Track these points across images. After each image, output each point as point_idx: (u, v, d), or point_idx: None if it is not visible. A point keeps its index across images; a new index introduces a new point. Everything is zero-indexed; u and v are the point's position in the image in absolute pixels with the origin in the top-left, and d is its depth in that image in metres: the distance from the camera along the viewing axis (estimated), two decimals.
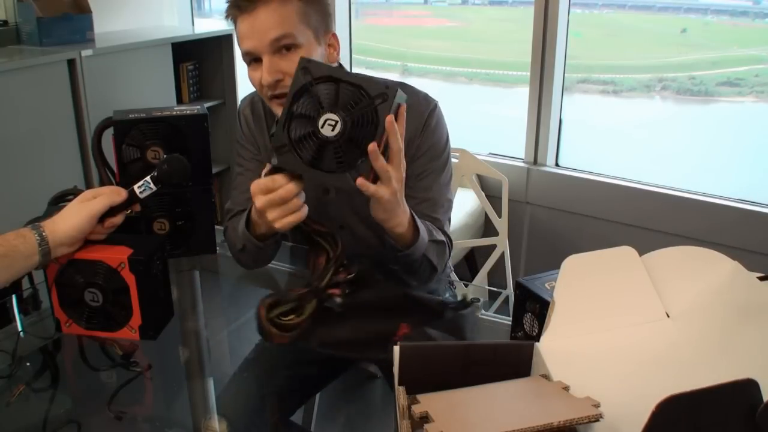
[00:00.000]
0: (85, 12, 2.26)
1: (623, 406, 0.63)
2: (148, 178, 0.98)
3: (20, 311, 1.09)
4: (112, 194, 0.96)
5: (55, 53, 2.02)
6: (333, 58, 1.10)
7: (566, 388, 0.68)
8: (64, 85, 2.04)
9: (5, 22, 2.17)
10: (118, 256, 0.95)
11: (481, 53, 2.99)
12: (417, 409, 0.63)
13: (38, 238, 0.91)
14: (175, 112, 1.11)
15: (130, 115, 1.10)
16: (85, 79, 2.07)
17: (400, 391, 0.67)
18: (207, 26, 2.76)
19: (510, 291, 1.78)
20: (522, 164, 2.39)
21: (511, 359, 0.71)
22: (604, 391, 0.66)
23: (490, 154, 2.49)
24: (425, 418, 0.63)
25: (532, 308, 0.86)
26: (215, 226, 1.20)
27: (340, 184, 0.86)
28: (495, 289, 1.31)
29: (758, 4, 2.26)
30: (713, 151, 2.37)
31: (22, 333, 1.07)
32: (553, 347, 0.72)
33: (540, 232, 2.40)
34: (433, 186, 1.13)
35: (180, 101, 2.60)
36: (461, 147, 2.09)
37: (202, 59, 2.70)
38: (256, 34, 1.02)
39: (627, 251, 0.79)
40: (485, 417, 0.63)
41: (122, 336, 0.99)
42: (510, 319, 0.92)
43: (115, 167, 1.12)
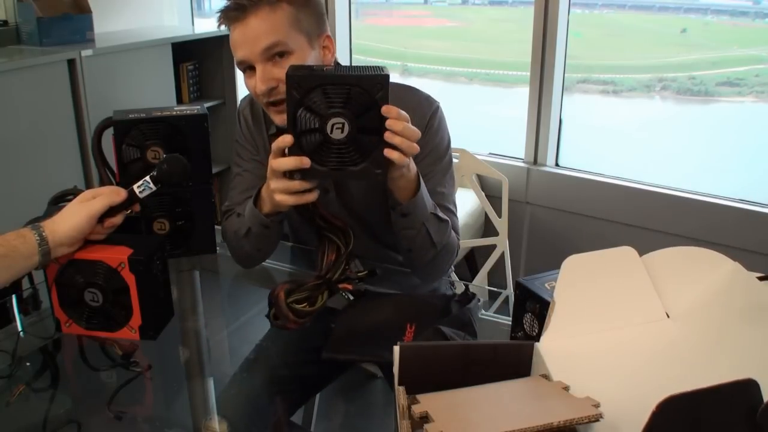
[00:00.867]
0: (85, 12, 2.26)
1: (623, 406, 0.63)
2: (147, 177, 0.98)
3: (20, 311, 1.09)
4: (111, 194, 0.96)
5: (55, 53, 2.02)
6: (328, 61, 1.10)
7: (566, 388, 0.68)
8: (64, 85, 2.04)
9: (5, 22, 2.17)
10: (118, 256, 0.96)
11: (481, 53, 2.99)
12: (417, 409, 0.63)
13: (38, 238, 0.91)
14: (175, 112, 1.12)
15: (130, 115, 1.10)
16: (85, 79, 2.07)
17: (400, 391, 0.67)
18: (207, 26, 2.76)
19: (510, 291, 1.78)
20: (522, 164, 2.39)
21: (511, 359, 0.71)
22: (604, 391, 0.66)
23: (490, 154, 2.49)
24: (425, 418, 0.63)
25: (532, 308, 0.86)
26: (215, 226, 1.20)
27: (365, 175, 0.90)
28: (495, 289, 1.31)
29: (758, 4, 2.26)
30: (713, 151, 2.37)
31: (22, 333, 1.07)
32: (553, 347, 0.72)
33: (540, 232, 2.40)
34: (437, 188, 1.13)
35: (180, 101, 2.60)
36: (461, 147, 2.09)
37: (202, 59, 2.70)
38: (248, 43, 1.02)
39: (627, 251, 0.79)
40: (485, 417, 0.63)
41: (122, 336, 0.99)
42: (510, 319, 0.93)
43: (115, 167, 1.12)
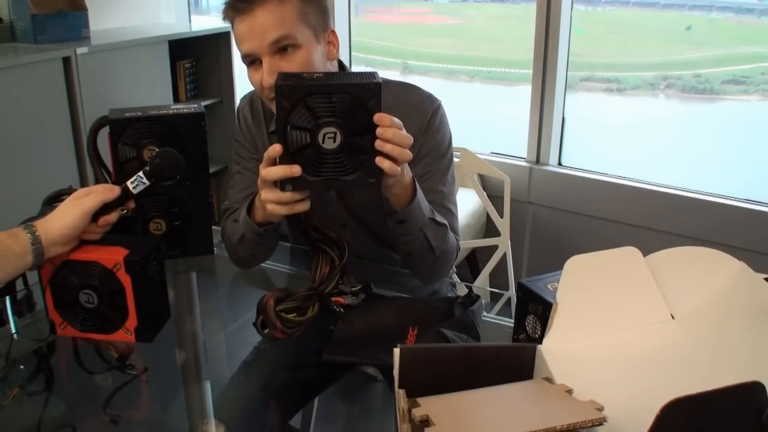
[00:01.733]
0: (80, 9, 2.26)
1: (627, 409, 0.63)
2: (140, 173, 0.98)
3: (14, 313, 1.09)
4: (104, 191, 0.96)
5: (50, 51, 2.02)
6: (333, 55, 1.10)
7: (569, 391, 0.68)
8: (59, 83, 2.04)
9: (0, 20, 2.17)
10: (113, 256, 0.95)
11: (483, 51, 2.99)
12: (418, 413, 0.63)
13: (31, 237, 0.91)
14: (171, 111, 1.11)
15: (126, 114, 1.10)
16: (80, 77, 2.07)
17: (401, 394, 0.67)
18: (204, 23, 2.76)
19: (512, 292, 1.78)
20: (524, 163, 2.39)
21: (513, 362, 0.71)
22: (608, 393, 0.65)
23: (492, 153, 2.49)
24: (426, 422, 0.63)
25: (535, 310, 0.86)
26: (212, 227, 1.20)
27: (358, 184, 0.90)
28: (497, 290, 1.31)
29: (763, 2, 2.26)
30: (718, 150, 2.37)
31: (15, 335, 1.07)
32: (555, 349, 0.72)
33: (542, 233, 2.40)
34: (437, 187, 1.13)
35: (177, 100, 2.60)
36: (462, 146, 2.09)
37: (200, 57, 2.70)
38: (255, 36, 1.02)
39: (631, 252, 0.79)
40: (487, 420, 0.63)
41: (118, 338, 0.99)
42: (512, 321, 0.92)
43: (110, 166, 1.12)
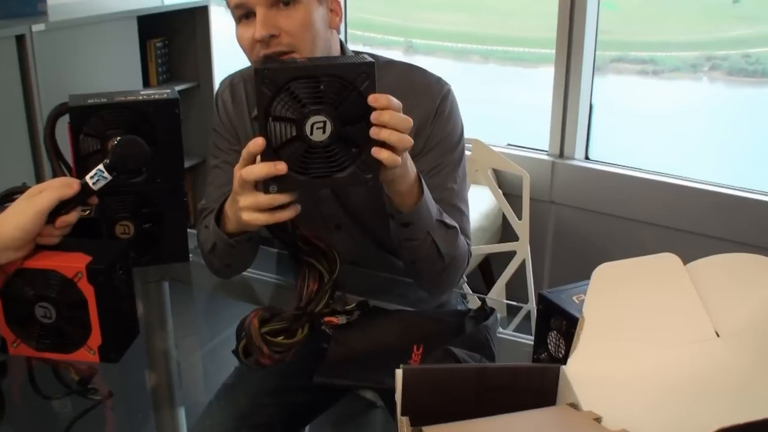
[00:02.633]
0: None
1: None
2: (101, 166, 0.98)
3: None
4: (61, 187, 0.95)
5: (1, 28, 2.02)
6: (335, 24, 1.11)
7: (598, 420, 0.68)
8: (11, 66, 2.04)
9: None
10: (74, 264, 0.95)
11: (498, 28, 2.99)
12: None
13: None
14: (141, 97, 1.11)
15: (89, 101, 1.10)
16: (36, 59, 2.07)
17: (404, 422, 0.67)
18: None
19: (532, 305, 1.78)
20: (546, 157, 2.39)
21: (533, 385, 0.71)
22: (643, 422, 0.65)
23: (509, 145, 2.49)
24: None
25: (558, 325, 0.86)
26: (188, 230, 1.20)
27: (353, 181, 0.89)
28: (514, 303, 1.31)
29: None
30: None
31: None
32: (582, 371, 0.72)
33: (567, 237, 2.40)
34: (447, 183, 1.13)
35: (147, 84, 2.60)
36: (475, 137, 2.09)
37: (173, 35, 2.70)
38: None
39: (669, 259, 0.79)
40: None
41: (79, 358, 0.99)
42: (532, 338, 0.92)
43: (71, 161, 1.12)
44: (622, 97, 2.52)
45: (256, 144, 0.88)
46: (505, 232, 2.32)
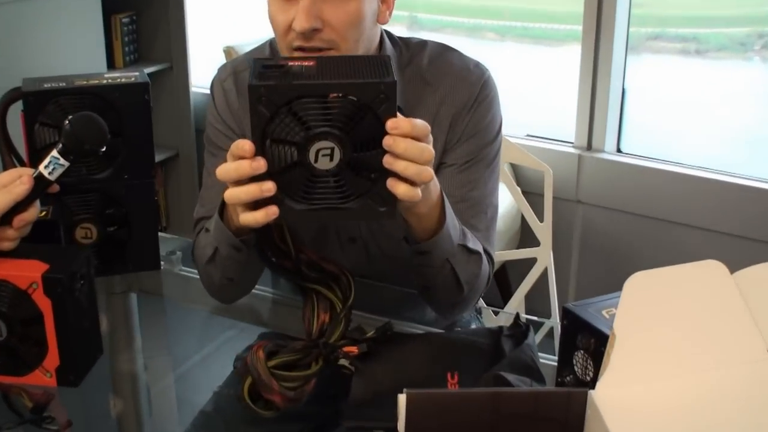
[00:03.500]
0: None
1: None
2: (54, 152, 0.98)
3: None
4: (13, 186, 0.95)
5: None
6: (384, 19, 1.11)
7: None
8: None
9: None
10: (28, 273, 0.95)
11: (517, 0, 3.00)
12: None
13: None
14: (105, 81, 1.12)
15: (45, 85, 1.10)
16: None
17: None
18: None
19: (555, 321, 1.78)
20: (571, 150, 2.39)
21: (557, 412, 0.71)
22: None
23: (528, 136, 2.49)
24: None
25: (585, 344, 0.86)
26: (159, 234, 1.20)
27: (363, 215, 0.88)
28: (535, 318, 1.31)
29: None
30: None
31: None
32: (613, 396, 0.72)
33: (596, 242, 2.39)
34: (479, 182, 1.14)
35: (112, 66, 2.60)
36: None
37: (142, 10, 2.70)
38: None
39: (713, 266, 0.79)
40: None
41: (33, 382, 0.99)
42: (555, 358, 0.93)
43: (24, 154, 1.12)
44: (660, 81, 2.51)
45: (242, 149, 0.85)
46: (525, 236, 2.32)
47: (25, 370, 0.99)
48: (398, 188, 0.86)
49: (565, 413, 0.71)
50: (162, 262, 1.25)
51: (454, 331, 1.15)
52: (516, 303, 2.09)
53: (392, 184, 0.86)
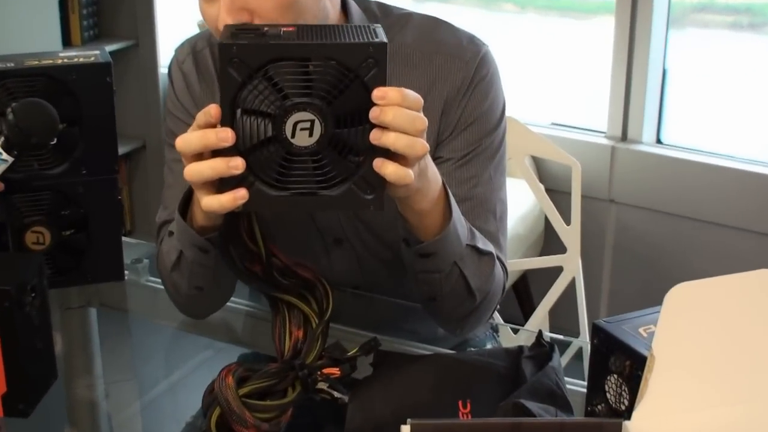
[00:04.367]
0: None
1: None
2: None
3: None
4: None
5: None
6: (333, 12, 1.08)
7: None
8: None
9: None
10: None
11: None
12: None
13: None
14: (60, 61, 1.12)
15: None
16: None
17: None
18: None
19: (584, 340, 1.78)
20: (603, 141, 2.40)
21: None
22: None
23: (553, 124, 2.49)
24: None
25: (619, 367, 0.86)
26: (123, 238, 1.20)
27: (347, 203, 0.88)
28: (561, 336, 1.31)
29: None
30: None
31: None
32: (651, 428, 0.72)
33: (632, 248, 2.40)
34: (483, 176, 1.14)
35: (68, 44, 2.61)
36: (507, 113, 2.09)
37: None
38: None
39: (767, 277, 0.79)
40: None
41: None
42: (584, 383, 0.93)
43: None
44: (707, 60, 2.51)
45: (209, 112, 0.85)
46: (549, 241, 2.32)
47: None
48: (387, 168, 0.86)
49: None
50: (126, 272, 1.25)
51: (466, 352, 1.15)
52: (538, 319, 2.10)
53: (380, 164, 0.86)
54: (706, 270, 0.80)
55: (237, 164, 0.85)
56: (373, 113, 0.84)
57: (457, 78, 1.12)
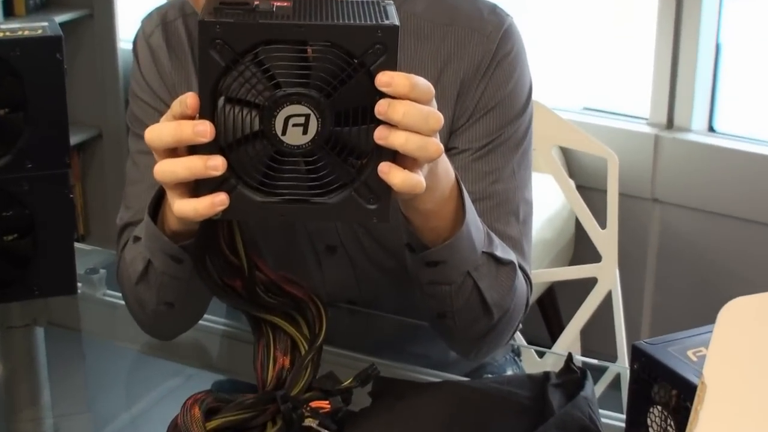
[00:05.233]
0: None
1: None
2: None
3: None
4: None
5: None
6: None
7: None
8: None
9: None
10: None
11: None
12: None
13: None
14: (2, 34, 1.12)
15: None
16: None
17: None
18: None
19: (623, 364, 1.78)
20: (646, 129, 2.40)
21: None
22: None
23: (585, 109, 2.49)
24: None
25: (664, 396, 0.86)
26: (76, 244, 1.20)
27: (345, 213, 0.88)
28: (595, 361, 1.31)
29: None
30: None
31: None
32: None
33: (679, 255, 2.40)
34: (504, 171, 1.14)
35: (10, 14, 2.61)
36: (533, 97, 2.09)
37: None
38: None
39: None
40: None
41: None
42: (622, 416, 0.93)
43: None
44: None
45: (187, 103, 0.84)
46: (580, 247, 2.33)
47: None
48: (395, 176, 0.85)
49: None
50: (80, 284, 1.25)
51: (483, 379, 1.15)
52: (568, 340, 2.10)
53: (386, 169, 0.85)
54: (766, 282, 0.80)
55: (216, 164, 0.84)
56: (380, 108, 0.84)
57: (476, 54, 1.13)
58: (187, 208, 0.86)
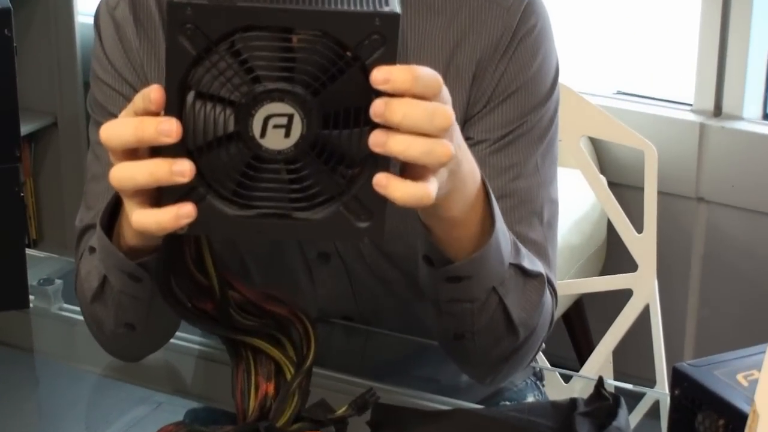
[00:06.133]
0: None
1: None
2: None
3: None
4: None
5: None
6: None
7: None
8: None
9: None
10: None
11: None
12: None
13: None
14: None
15: None
16: None
17: None
18: None
19: (663, 391, 1.78)
20: (690, 116, 2.41)
21: None
22: None
23: (618, 93, 2.50)
24: None
25: (710, 427, 0.87)
26: (27, 250, 1.20)
27: (334, 231, 0.88)
28: (630, 386, 1.32)
29: None
30: None
31: None
32: None
33: (727, 263, 2.40)
34: (527, 166, 1.15)
35: None
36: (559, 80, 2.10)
37: None
38: None
39: None
40: None
41: None
42: None
43: None
44: None
45: (150, 97, 0.83)
46: (613, 254, 2.33)
47: None
48: (395, 188, 0.83)
49: None
50: (32, 297, 1.25)
51: (500, 407, 1.16)
52: (599, 362, 2.10)
53: (384, 182, 0.83)
54: None
55: (183, 169, 0.82)
56: (376, 109, 0.81)
57: (494, 29, 1.13)
58: (147, 220, 0.84)
